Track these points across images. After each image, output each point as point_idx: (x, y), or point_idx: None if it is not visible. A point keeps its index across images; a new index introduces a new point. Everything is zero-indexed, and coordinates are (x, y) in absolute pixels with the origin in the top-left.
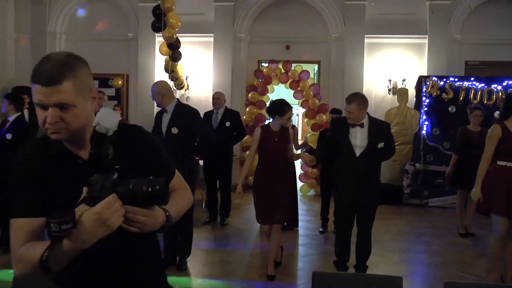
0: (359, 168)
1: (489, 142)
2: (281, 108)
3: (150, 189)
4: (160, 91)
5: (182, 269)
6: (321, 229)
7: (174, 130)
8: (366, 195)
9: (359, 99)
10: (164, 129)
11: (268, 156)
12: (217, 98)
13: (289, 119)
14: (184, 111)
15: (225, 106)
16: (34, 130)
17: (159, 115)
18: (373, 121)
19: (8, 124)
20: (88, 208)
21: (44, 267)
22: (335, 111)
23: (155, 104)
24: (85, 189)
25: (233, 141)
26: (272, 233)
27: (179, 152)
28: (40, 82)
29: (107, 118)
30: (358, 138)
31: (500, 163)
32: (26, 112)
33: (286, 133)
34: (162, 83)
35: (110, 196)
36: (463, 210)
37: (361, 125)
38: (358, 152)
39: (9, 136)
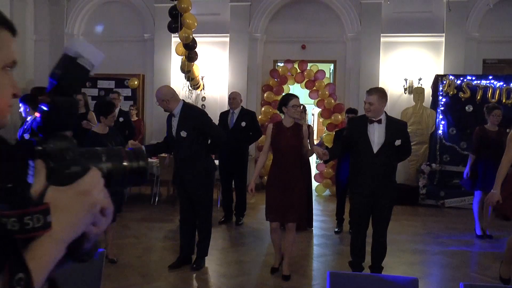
0: (377, 165)
1: (511, 144)
2: (285, 98)
3: (133, 163)
4: (164, 97)
5: (198, 268)
6: (336, 229)
7: (183, 134)
8: (383, 194)
9: (380, 92)
10: (174, 133)
11: (281, 152)
12: (233, 98)
13: (294, 106)
14: (191, 113)
15: (241, 106)
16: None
17: (169, 119)
18: (390, 118)
19: (27, 125)
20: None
21: None
22: (351, 110)
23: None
24: (39, 163)
25: (249, 141)
26: (287, 232)
27: (192, 154)
28: (12, 29)
29: (93, 52)
30: (376, 135)
31: None
32: None
33: (299, 129)
34: (164, 88)
35: (93, 170)
36: (480, 212)
37: (379, 121)
38: (375, 149)
39: (28, 137)
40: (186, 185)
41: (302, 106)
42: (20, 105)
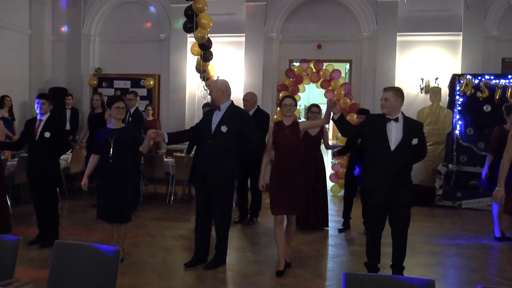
0: (393, 163)
1: (511, 142)
2: (281, 99)
3: None
4: (220, 87)
5: (211, 267)
6: (341, 228)
7: (224, 129)
8: (400, 192)
9: (396, 89)
10: (213, 126)
11: (281, 148)
12: (246, 100)
13: (284, 105)
14: (237, 111)
15: (258, 106)
16: (73, 129)
17: (210, 113)
18: (407, 118)
19: (42, 123)
20: None
21: None
22: (362, 111)
23: (186, 104)
24: None
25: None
26: (288, 224)
27: (223, 151)
28: None
29: None
30: (393, 133)
31: None
32: (68, 112)
33: (297, 127)
34: (224, 80)
35: None
36: (500, 213)
37: (396, 120)
38: (393, 147)
39: (47, 134)
40: (208, 182)
41: (317, 106)
42: (38, 101)
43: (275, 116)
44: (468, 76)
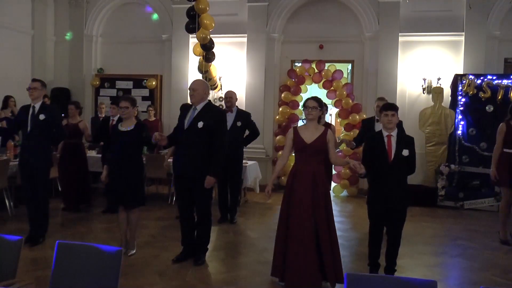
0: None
1: (498, 136)
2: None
3: None
4: (233, 96)
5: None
6: None
7: (239, 123)
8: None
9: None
10: (230, 123)
11: None
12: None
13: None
14: (243, 111)
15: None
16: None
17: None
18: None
19: None
20: None
21: None
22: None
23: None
24: None
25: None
26: None
27: (239, 140)
28: None
29: None
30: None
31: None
32: None
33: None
34: (234, 93)
35: None
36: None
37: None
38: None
39: None
40: (231, 167)
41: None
42: None
43: (277, 117)
44: (471, 76)
